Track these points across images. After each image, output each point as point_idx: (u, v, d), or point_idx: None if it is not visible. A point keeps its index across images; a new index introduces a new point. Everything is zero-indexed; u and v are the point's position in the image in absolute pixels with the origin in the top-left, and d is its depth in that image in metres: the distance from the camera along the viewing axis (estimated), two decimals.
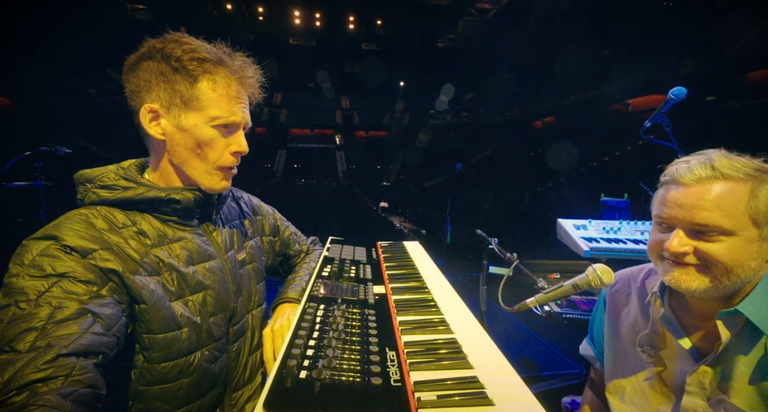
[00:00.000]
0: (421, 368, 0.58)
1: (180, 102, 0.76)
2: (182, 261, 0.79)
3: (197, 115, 0.77)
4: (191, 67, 0.75)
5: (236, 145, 0.82)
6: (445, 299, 0.90)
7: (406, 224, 15.78)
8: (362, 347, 0.63)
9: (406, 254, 1.30)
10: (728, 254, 0.74)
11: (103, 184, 0.77)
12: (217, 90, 0.77)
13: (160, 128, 0.78)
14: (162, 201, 0.78)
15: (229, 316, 0.87)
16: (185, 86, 0.76)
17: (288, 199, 20.19)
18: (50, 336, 0.55)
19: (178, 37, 0.78)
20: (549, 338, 3.88)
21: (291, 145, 33.18)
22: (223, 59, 0.80)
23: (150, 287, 0.71)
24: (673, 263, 0.81)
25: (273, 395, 0.49)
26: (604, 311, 1.10)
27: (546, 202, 14.94)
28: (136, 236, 0.75)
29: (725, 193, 0.74)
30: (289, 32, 29.99)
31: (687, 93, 1.52)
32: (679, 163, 0.84)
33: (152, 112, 0.77)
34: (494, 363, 0.61)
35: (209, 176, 0.82)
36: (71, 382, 0.52)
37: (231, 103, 0.79)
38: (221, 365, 0.84)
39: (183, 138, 0.78)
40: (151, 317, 0.71)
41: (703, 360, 0.82)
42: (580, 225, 1.93)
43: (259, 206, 1.18)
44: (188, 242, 0.82)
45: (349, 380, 0.53)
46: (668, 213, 0.81)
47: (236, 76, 0.80)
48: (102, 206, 0.76)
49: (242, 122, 0.83)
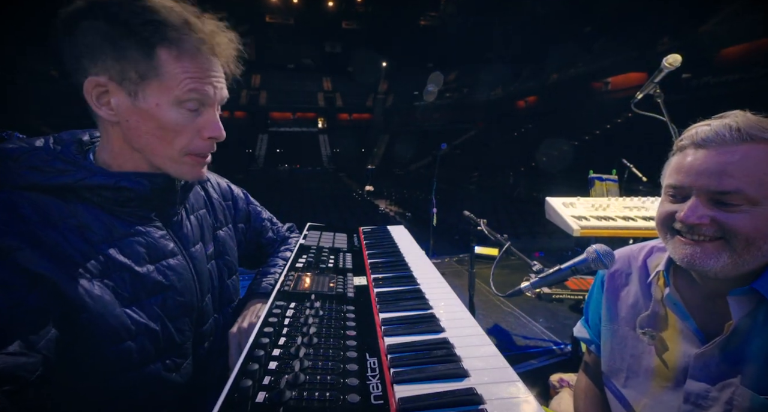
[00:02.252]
0: (407, 378, 0.48)
1: (135, 76, 0.61)
2: (137, 260, 0.66)
3: (159, 93, 0.63)
4: (146, 32, 0.60)
5: (210, 128, 0.68)
6: (434, 289, 0.81)
7: (392, 207, 15.73)
8: (338, 355, 0.53)
9: (390, 239, 1.20)
10: (751, 224, 0.66)
11: (33, 165, 0.61)
12: (182, 61, 0.62)
13: (110, 108, 0.63)
14: (109, 188, 0.64)
15: (194, 318, 0.76)
16: (140, 56, 0.61)
17: (271, 186, 19.79)
18: None
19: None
20: (534, 316, 3.93)
21: (272, 129, 32.28)
22: (190, 22, 0.64)
23: (95, 292, 0.58)
24: (687, 240, 0.73)
25: None
26: (602, 292, 1.04)
27: (531, 182, 15.10)
28: (77, 231, 0.61)
29: (753, 157, 0.66)
30: (266, 9, 28.55)
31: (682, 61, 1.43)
32: (698, 126, 0.75)
33: (100, 87, 0.62)
34: (493, 368, 0.52)
35: (177, 165, 0.68)
36: None
37: (201, 76, 0.64)
38: (185, 372, 0.73)
39: (142, 121, 0.64)
40: (97, 328, 0.58)
41: (711, 342, 0.77)
42: (569, 203, 1.87)
43: (228, 189, 1.03)
44: (144, 236, 0.68)
45: (319, 401, 0.43)
46: (685, 180, 0.72)
47: (207, 44, 0.65)
48: (32, 190, 0.60)
49: (216, 99, 0.68)
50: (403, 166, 27.30)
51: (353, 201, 15.23)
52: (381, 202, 16.34)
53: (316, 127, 33.55)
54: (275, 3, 28.13)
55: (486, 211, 11.96)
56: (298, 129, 32.81)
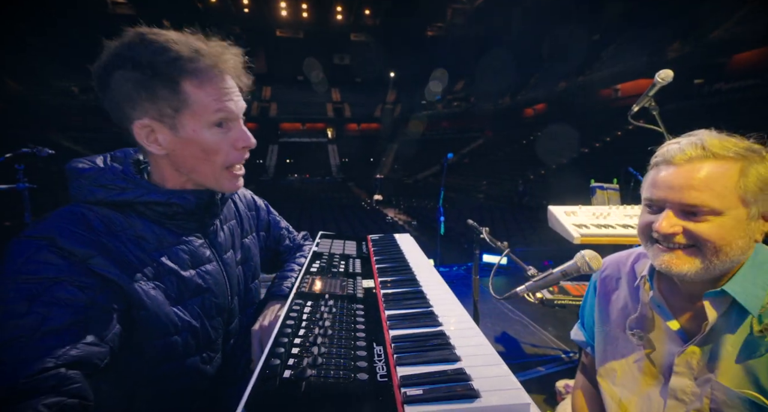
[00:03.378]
0: (408, 362, 0.57)
1: (170, 111, 0.69)
2: (182, 265, 0.76)
3: (192, 120, 0.70)
4: (168, 71, 0.67)
5: (242, 139, 0.76)
6: (435, 290, 0.89)
7: (400, 215, 15.81)
8: (349, 343, 0.62)
9: (396, 246, 1.29)
10: (717, 233, 0.74)
11: (100, 183, 0.71)
12: (204, 88, 0.70)
13: (159, 144, 0.71)
14: (162, 204, 0.74)
15: (225, 317, 0.86)
16: (169, 93, 0.68)
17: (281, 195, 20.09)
18: (39, 347, 0.53)
19: (142, 36, 0.68)
20: (543, 324, 3.93)
21: (282, 139, 32.85)
22: (198, 49, 0.70)
23: (150, 293, 0.68)
24: (664, 248, 0.81)
25: (255, 396, 0.47)
26: (595, 296, 1.11)
27: (539, 190, 15.02)
28: (135, 240, 0.71)
29: (715, 173, 0.74)
30: (276, 24, 29.42)
31: (674, 76, 1.51)
32: (670, 144, 0.83)
33: (146, 128, 0.70)
34: (482, 355, 0.60)
35: (218, 180, 0.77)
36: (58, 393, 0.51)
37: (221, 96, 0.71)
38: (216, 364, 0.83)
39: (187, 148, 0.72)
40: (151, 323, 0.68)
41: (691, 341, 0.83)
42: (570, 211, 1.93)
43: (252, 200, 1.14)
44: (188, 245, 0.79)
45: (334, 378, 0.52)
46: (658, 194, 0.80)
47: (217, 65, 0.71)
48: (98, 205, 0.71)
49: (238, 111, 0.76)
50: (411, 175, 27.44)
51: (362, 210, 15.36)
52: (389, 210, 16.45)
53: (326, 137, 34.05)
54: (285, 18, 28.97)
55: (495, 219, 11.95)
56: (308, 139, 33.36)
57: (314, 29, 30.31)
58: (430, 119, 31.69)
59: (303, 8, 28.67)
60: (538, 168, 18.31)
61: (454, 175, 24.35)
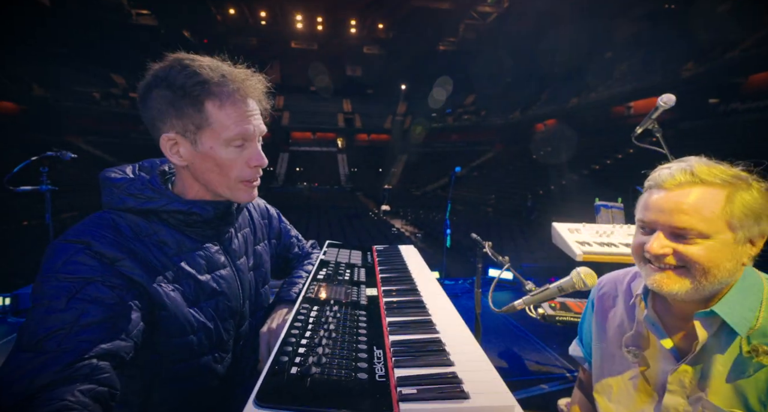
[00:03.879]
0: (405, 364, 0.62)
1: (193, 127, 0.76)
2: (199, 270, 0.82)
3: (211, 137, 0.77)
4: (195, 92, 0.75)
5: (255, 159, 0.83)
6: (434, 301, 0.94)
7: (407, 226, 15.82)
8: (352, 346, 0.67)
9: (400, 257, 1.34)
10: (705, 255, 0.77)
11: (130, 193, 0.78)
12: (225, 109, 0.77)
13: (180, 156, 0.79)
14: (184, 213, 0.81)
15: (237, 320, 0.92)
16: (193, 111, 0.75)
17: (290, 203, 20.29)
18: (76, 339, 0.59)
19: (179, 60, 0.77)
20: (548, 341, 3.88)
21: (293, 148, 33.33)
22: (225, 75, 0.78)
23: (171, 294, 0.75)
24: (656, 268, 0.85)
25: (265, 389, 0.52)
26: (593, 313, 1.14)
27: (549, 205, 14.92)
28: (159, 245, 0.78)
29: (703, 198, 0.78)
30: (291, 36, 30.22)
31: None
32: (661, 169, 0.88)
33: (171, 141, 0.78)
34: (475, 361, 0.64)
35: (232, 191, 0.83)
36: (90, 381, 0.57)
37: (240, 118, 0.78)
38: (226, 364, 0.89)
39: (204, 162, 0.79)
40: (170, 323, 0.74)
41: (683, 359, 0.86)
42: (574, 229, 1.96)
43: (266, 209, 1.21)
44: (205, 251, 0.85)
45: (337, 376, 0.57)
46: (650, 217, 0.85)
47: (240, 89, 0.79)
48: (127, 212, 0.78)
49: (256, 133, 0.82)
50: (420, 187, 27.50)
51: (369, 220, 15.43)
52: (397, 221, 16.48)
53: (336, 146, 34.46)
54: (300, 30, 29.78)
55: (503, 234, 11.89)
56: (318, 148, 33.80)
57: (328, 42, 31.05)
58: (440, 132, 31.89)
59: (318, 21, 29.47)
60: (548, 183, 18.21)
61: (463, 188, 24.33)
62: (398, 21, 29.05)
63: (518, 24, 24.81)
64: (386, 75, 33.27)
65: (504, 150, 27.64)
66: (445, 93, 30.72)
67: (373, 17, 28.76)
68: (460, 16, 27.27)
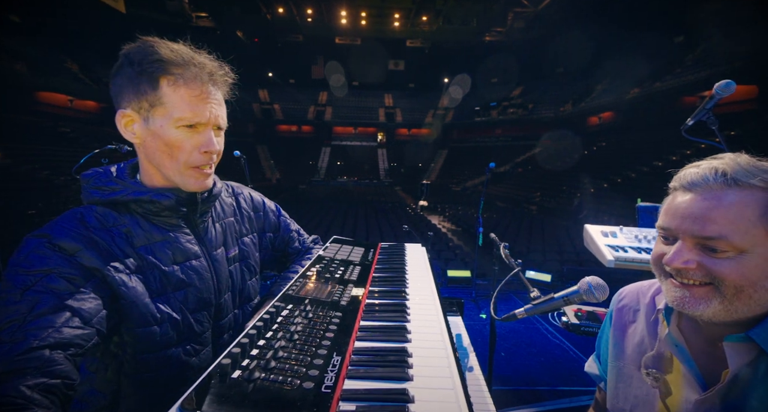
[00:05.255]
0: (359, 375, 0.57)
1: (147, 105, 0.78)
2: (165, 260, 0.83)
3: (162, 116, 0.78)
4: (151, 69, 0.76)
5: (204, 145, 0.82)
6: (422, 305, 0.87)
7: (444, 222, 15.51)
8: (310, 350, 0.63)
9: (401, 257, 1.28)
10: (738, 271, 0.63)
11: (95, 186, 0.82)
12: (179, 91, 0.78)
13: (133, 133, 0.81)
14: (145, 201, 0.82)
15: (213, 312, 0.91)
16: (149, 88, 0.77)
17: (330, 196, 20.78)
18: (27, 329, 0.60)
19: (144, 42, 0.79)
20: (585, 350, 3.60)
21: (335, 142, 34.05)
22: (186, 59, 0.79)
23: (129, 284, 0.76)
24: (678, 283, 0.72)
25: (195, 394, 0.50)
26: (610, 327, 1.01)
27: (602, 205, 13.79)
28: (125, 235, 0.80)
29: (738, 204, 0.64)
30: (336, 32, 30.66)
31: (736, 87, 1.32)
32: (689, 167, 0.74)
33: (126, 117, 0.80)
34: (440, 377, 0.58)
35: (182, 177, 0.83)
36: (41, 373, 0.57)
37: (195, 103, 0.79)
38: (204, 358, 0.89)
39: (154, 140, 0.80)
40: (130, 313, 0.75)
41: (709, 389, 0.72)
42: (609, 232, 1.76)
43: (261, 202, 1.20)
44: (173, 241, 0.85)
45: (280, 383, 0.54)
46: (672, 223, 0.71)
47: (201, 75, 0.80)
48: (97, 204, 0.81)
49: (210, 122, 0.82)
50: (460, 183, 26.83)
51: (406, 215, 15.34)
52: (434, 217, 16.22)
53: (376, 141, 34.64)
54: (345, 26, 30.11)
55: (546, 233, 11.22)
56: (358, 143, 34.20)
57: (371, 36, 31.09)
58: (484, 126, 30.74)
59: (362, 16, 29.58)
60: (600, 182, 16.85)
61: (506, 185, 23.34)
62: (443, 12, 28.29)
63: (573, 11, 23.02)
64: (429, 69, 32.68)
65: (552, 145, 26.01)
66: (462, 91, 29.49)
67: (417, 9, 28.26)
68: (510, 3, 25.90)
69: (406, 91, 35.39)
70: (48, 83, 19.44)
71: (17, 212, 10.87)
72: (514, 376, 3.13)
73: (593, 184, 16.81)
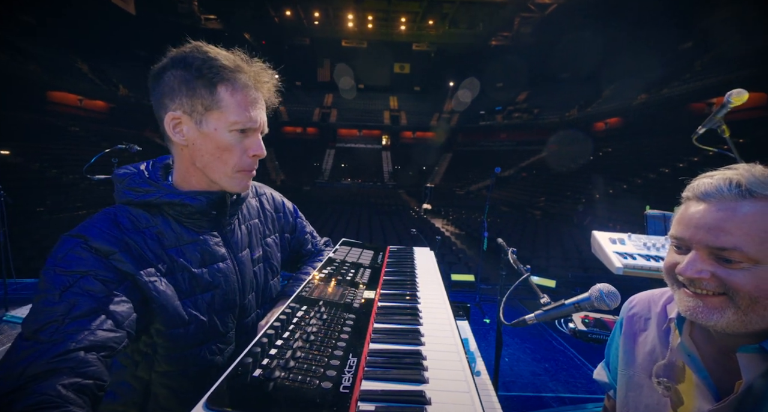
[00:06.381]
0: (375, 377, 0.58)
1: (201, 108, 0.79)
2: (194, 262, 0.84)
3: (217, 120, 0.80)
4: (210, 74, 0.78)
5: (254, 148, 0.85)
6: (433, 309, 0.88)
7: (448, 226, 15.49)
8: (327, 351, 0.64)
9: (411, 260, 1.29)
10: (753, 283, 0.64)
11: (129, 186, 0.83)
12: (235, 96, 0.80)
13: (182, 135, 0.82)
14: (177, 204, 0.84)
15: (237, 312, 0.93)
16: (206, 93, 0.79)
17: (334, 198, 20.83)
18: (65, 331, 0.62)
19: (198, 47, 0.81)
20: (590, 358, 3.58)
21: (339, 145, 34.15)
22: (240, 66, 0.82)
23: (161, 287, 0.77)
24: (691, 293, 0.72)
25: (219, 392, 0.52)
26: (621, 335, 1.01)
27: (606, 211, 13.71)
28: (156, 237, 0.81)
29: (753, 215, 0.64)
30: (342, 35, 30.88)
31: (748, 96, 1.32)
32: (702, 177, 0.74)
33: (175, 119, 0.81)
34: (454, 380, 0.59)
35: (229, 179, 0.85)
36: (75, 374, 0.59)
37: (248, 108, 0.81)
38: (228, 355, 0.90)
39: (204, 143, 0.81)
40: (160, 314, 0.77)
41: (722, 400, 0.72)
42: (617, 239, 1.76)
43: (282, 202, 1.22)
44: (202, 243, 0.87)
45: (300, 383, 0.55)
46: (685, 233, 0.72)
47: (253, 82, 0.83)
48: (130, 205, 0.83)
49: (260, 126, 0.85)
50: (464, 186, 26.79)
51: (409, 218, 15.33)
52: (438, 221, 16.21)
53: (380, 144, 34.70)
54: (351, 29, 30.31)
55: (550, 239, 11.17)
56: (363, 145, 34.28)
57: (377, 39, 31.26)
58: (488, 130, 30.73)
59: (369, 19, 29.77)
60: (606, 188, 16.76)
61: (510, 189, 23.27)
62: (449, 16, 28.39)
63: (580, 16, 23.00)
64: (434, 72, 32.76)
65: (558, 151, 25.92)
66: (471, 95, 29.49)
67: (424, 13, 28.38)
68: (517, 8, 25.94)
69: (411, 94, 35.45)
70: (59, 83, 19.77)
71: (26, 209, 11.03)
72: (518, 381, 3.11)
73: (599, 190, 16.73)
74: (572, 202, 17.02)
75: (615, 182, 16.73)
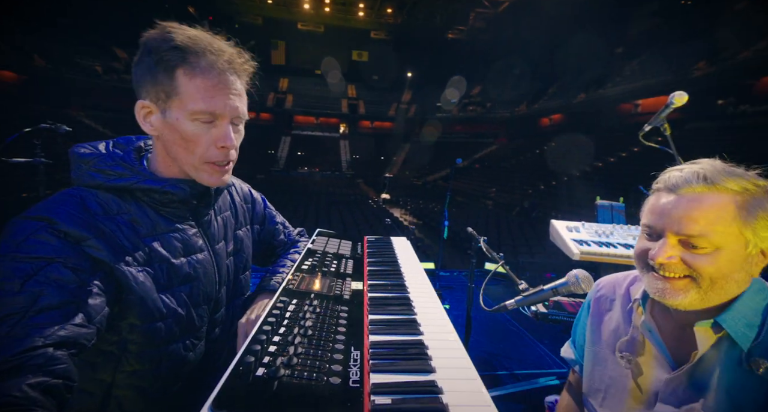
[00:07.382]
0: (383, 369, 0.57)
1: (163, 95, 0.73)
2: (174, 253, 0.77)
3: (178, 108, 0.73)
4: (167, 57, 0.71)
5: (220, 139, 0.76)
6: (422, 298, 0.89)
7: (406, 216, 15.77)
8: (327, 345, 0.62)
9: (391, 250, 1.29)
10: (714, 265, 0.73)
11: (98, 169, 0.74)
12: (195, 80, 0.72)
13: (151, 125, 0.75)
14: (157, 191, 0.76)
15: (212, 306, 0.88)
16: (165, 78, 0.72)
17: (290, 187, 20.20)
18: (29, 325, 0.54)
19: (163, 27, 0.73)
20: (540, 337, 3.89)
21: (295, 132, 32.96)
22: (205, 46, 0.73)
23: (139, 278, 0.70)
24: (659, 277, 0.80)
25: (225, 393, 0.48)
26: (588, 315, 1.10)
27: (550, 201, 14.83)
28: (130, 224, 0.73)
29: (716, 205, 0.73)
30: (298, 17, 29.51)
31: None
32: (672, 171, 0.82)
33: (145, 108, 0.75)
34: (458, 368, 0.60)
35: (197, 171, 0.78)
36: (43, 373, 0.51)
37: (211, 92, 0.73)
38: (199, 352, 0.85)
39: (171, 133, 0.75)
40: (136, 308, 0.70)
41: (678, 369, 0.82)
42: (573, 227, 1.91)
43: (249, 192, 1.16)
44: (180, 233, 0.80)
45: (307, 380, 0.53)
46: (657, 222, 0.79)
47: (219, 63, 0.74)
48: (97, 189, 0.73)
49: (227, 114, 0.76)
50: (421, 177, 27.36)
51: (368, 208, 15.36)
52: (396, 210, 16.43)
53: (338, 132, 34.07)
54: (308, 11, 29.07)
55: (501, 227, 11.86)
56: (320, 133, 33.41)
57: (335, 24, 30.33)
58: (444, 122, 31.52)
59: (326, 2, 28.72)
60: (550, 179, 18.09)
61: (464, 180, 24.19)
62: (408, 6, 28.32)
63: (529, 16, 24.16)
64: (393, 62, 32.62)
65: (508, 144, 27.37)
66: (458, 93, 30.22)
67: (383, 1, 28.02)
68: (472, 3, 26.55)
69: (370, 83, 35.06)
70: None
71: None
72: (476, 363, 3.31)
73: (544, 182, 18.01)
74: (521, 193, 18.15)
75: (558, 175, 18.08)
